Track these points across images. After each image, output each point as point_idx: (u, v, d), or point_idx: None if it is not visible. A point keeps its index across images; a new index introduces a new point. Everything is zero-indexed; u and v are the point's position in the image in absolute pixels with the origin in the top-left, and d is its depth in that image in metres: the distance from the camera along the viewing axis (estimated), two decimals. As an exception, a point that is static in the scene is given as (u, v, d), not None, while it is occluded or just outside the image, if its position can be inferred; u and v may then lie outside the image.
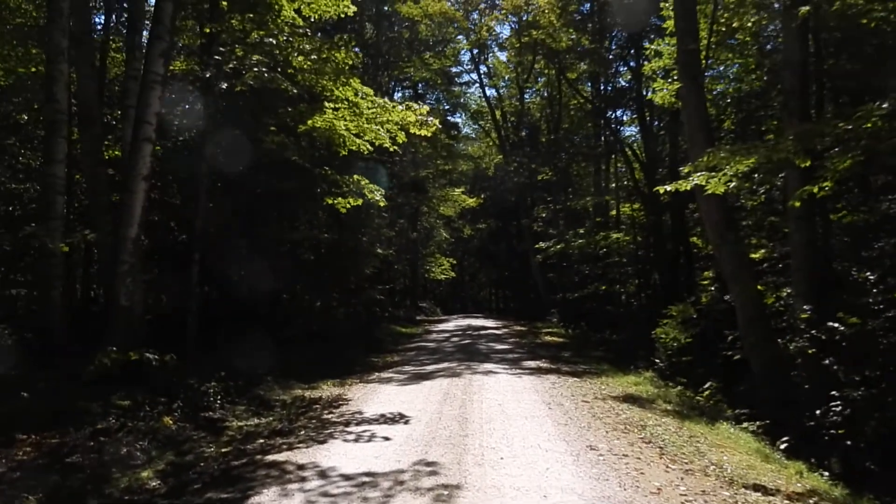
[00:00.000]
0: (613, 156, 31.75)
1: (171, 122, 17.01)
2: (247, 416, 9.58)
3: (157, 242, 18.29)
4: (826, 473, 7.71)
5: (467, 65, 40.72)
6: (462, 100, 43.41)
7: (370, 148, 14.19)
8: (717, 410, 11.78)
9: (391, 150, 13.97)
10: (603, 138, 32.88)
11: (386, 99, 13.22)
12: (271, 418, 9.42)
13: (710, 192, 9.23)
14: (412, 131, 13.72)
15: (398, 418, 9.16)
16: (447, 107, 42.56)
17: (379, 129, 13.67)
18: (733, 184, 9.03)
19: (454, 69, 40.81)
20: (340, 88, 12.47)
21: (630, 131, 33.45)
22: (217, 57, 10.89)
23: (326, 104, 13.21)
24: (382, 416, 9.39)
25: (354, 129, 13.73)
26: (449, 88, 40.64)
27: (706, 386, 12.97)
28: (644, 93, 26.89)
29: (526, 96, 40.93)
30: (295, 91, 11.54)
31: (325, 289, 18.84)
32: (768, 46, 16.38)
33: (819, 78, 13.16)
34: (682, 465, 6.93)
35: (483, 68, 40.52)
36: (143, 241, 18.53)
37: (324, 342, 17.49)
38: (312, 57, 11.35)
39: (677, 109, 24.68)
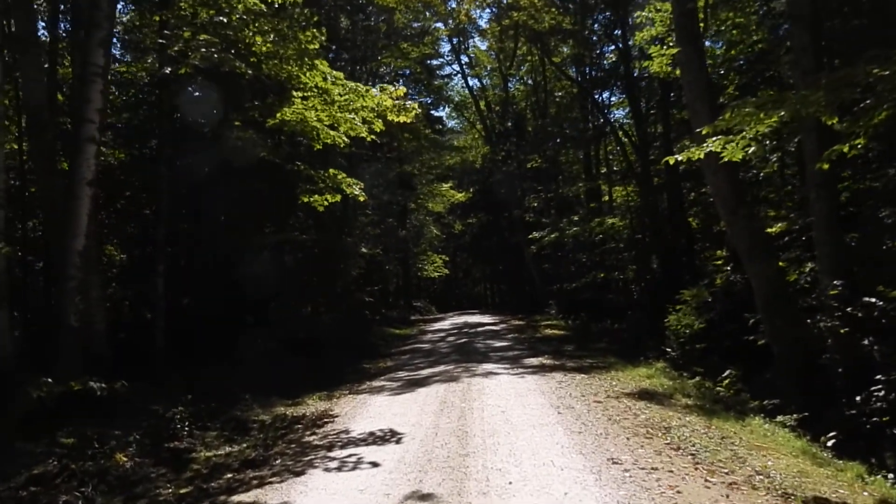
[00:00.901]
0: (603, 139, 30.77)
1: (135, 126, 15.93)
2: (218, 443, 8.46)
3: (133, 256, 17.20)
4: (891, 476, 6.64)
5: (448, 55, 39.58)
6: (445, 93, 42.21)
7: (346, 140, 13.06)
8: (741, 402, 10.77)
9: (368, 139, 12.85)
10: (591, 122, 31.87)
11: (359, 84, 12.07)
12: (245, 445, 8.29)
13: (725, 159, 8.15)
14: (390, 118, 12.61)
15: (389, 437, 8.06)
16: (429, 100, 41.37)
17: (354, 119, 12.55)
18: (752, 149, 7.96)
19: (435, 62, 39.70)
20: (307, 74, 11.35)
21: (619, 114, 32.33)
22: (161, 41, 9.77)
23: (294, 93, 12.09)
24: (371, 434, 8.29)
25: (327, 119, 12.61)
26: (430, 81, 39.43)
27: (725, 374, 11.94)
28: (632, 72, 25.96)
29: (510, 85, 39.83)
30: (251, 72, 10.40)
31: (311, 294, 17.74)
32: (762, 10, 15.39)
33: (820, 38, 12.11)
34: (722, 478, 5.86)
35: (464, 58, 39.43)
36: (112, 255, 17.57)
37: (312, 351, 16.40)
38: (273, 38, 10.24)
39: (669, 84, 23.79)
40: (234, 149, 12.66)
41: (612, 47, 28.49)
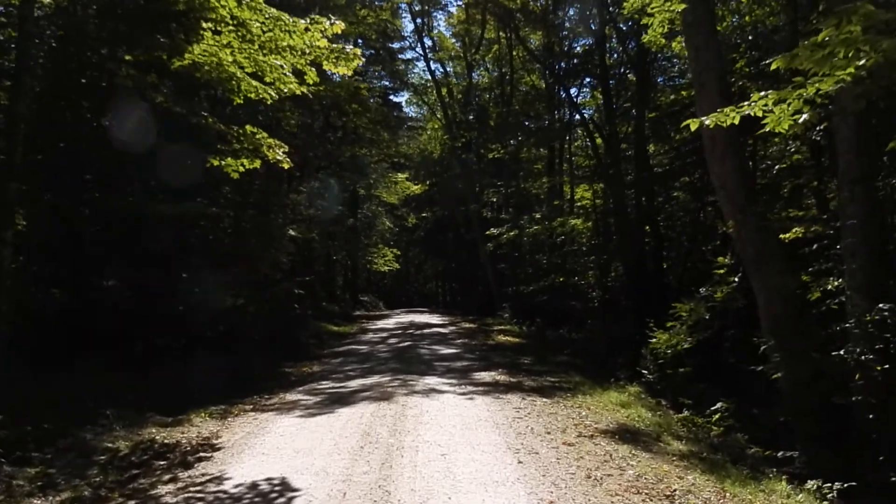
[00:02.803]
0: (569, 135, 28.80)
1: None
2: (29, 489, 5.86)
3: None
4: None
5: (410, 36, 37.07)
6: (405, 77, 39.60)
7: (273, 95, 10.52)
8: (737, 445, 8.72)
9: (299, 93, 10.30)
10: (558, 116, 29.88)
11: (284, 14, 9.53)
12: (65, 496, 5.72)
13: (769, 128, 5.95)
14: (326, 67, 10.11)
15: (276, 495, 5.59)
16: (388, 84, 38.78)
17: (283, 67, 10.02)
18: (805, 115, 5.76)
19: (396, 45, 37.15)
20: (216, -6, 8.82)
21: (587, 113, 30.29)
22: None
23: (204, 25, 9.50)
24: (253, 487, 5.81)
25: (248, 65, 10.06)
26: (390, 63, 36.73)
27: (715, 408, 9.84)
28: (606, 60, 23.94)
29: (474, 74, 37.65)
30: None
31: (228, 282, 15.04)
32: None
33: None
34: None
35: (428, 41, 36.92)
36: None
37: (227, 349, 13.76)
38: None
39: (645, 76, 21.85)
40: (122, 90, 10.03)
41: (583, 42, 26.76)
